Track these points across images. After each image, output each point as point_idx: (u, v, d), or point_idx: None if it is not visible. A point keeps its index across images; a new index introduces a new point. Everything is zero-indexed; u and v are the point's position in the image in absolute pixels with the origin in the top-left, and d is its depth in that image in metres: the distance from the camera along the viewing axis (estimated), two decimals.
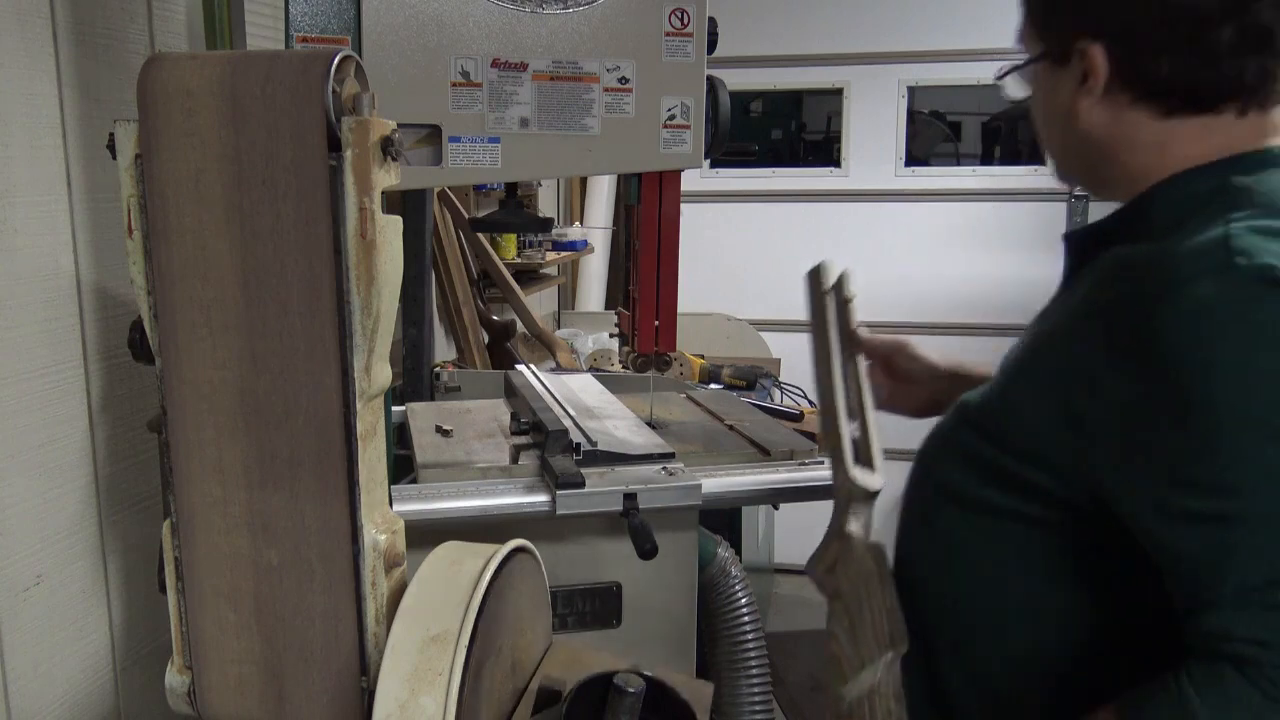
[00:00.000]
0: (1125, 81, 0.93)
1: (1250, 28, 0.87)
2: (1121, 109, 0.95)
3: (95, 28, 1.71)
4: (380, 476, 1.11)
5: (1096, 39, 0.93)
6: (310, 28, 1.43)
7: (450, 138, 1.50)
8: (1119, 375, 0.87)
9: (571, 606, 1.62)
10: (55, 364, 1.66)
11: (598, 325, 4.32)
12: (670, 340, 1.69)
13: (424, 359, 2.67)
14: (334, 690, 1.10)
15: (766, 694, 1.82)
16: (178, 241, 1.06)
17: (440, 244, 3.28)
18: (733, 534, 2.35)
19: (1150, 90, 0.92)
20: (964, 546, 1.04)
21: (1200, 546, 0.83)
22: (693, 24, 1.55)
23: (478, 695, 1.02)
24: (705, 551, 1.76)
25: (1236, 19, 0.87)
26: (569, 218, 5.00)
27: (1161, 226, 0.91)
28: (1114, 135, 0.96)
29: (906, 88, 4.79)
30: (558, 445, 1.57)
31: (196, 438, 1.10)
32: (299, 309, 1.04)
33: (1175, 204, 0.92)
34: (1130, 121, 0.95)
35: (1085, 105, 0.96)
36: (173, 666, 1.19)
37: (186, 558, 1.13)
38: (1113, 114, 0.95)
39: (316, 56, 1.00)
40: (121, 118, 1.07)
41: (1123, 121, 0.95)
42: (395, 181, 1.04)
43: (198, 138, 1.03)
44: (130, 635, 1.88)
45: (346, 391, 1.05)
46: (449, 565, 1.09)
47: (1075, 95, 0.96)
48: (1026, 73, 1.03)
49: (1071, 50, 0.95)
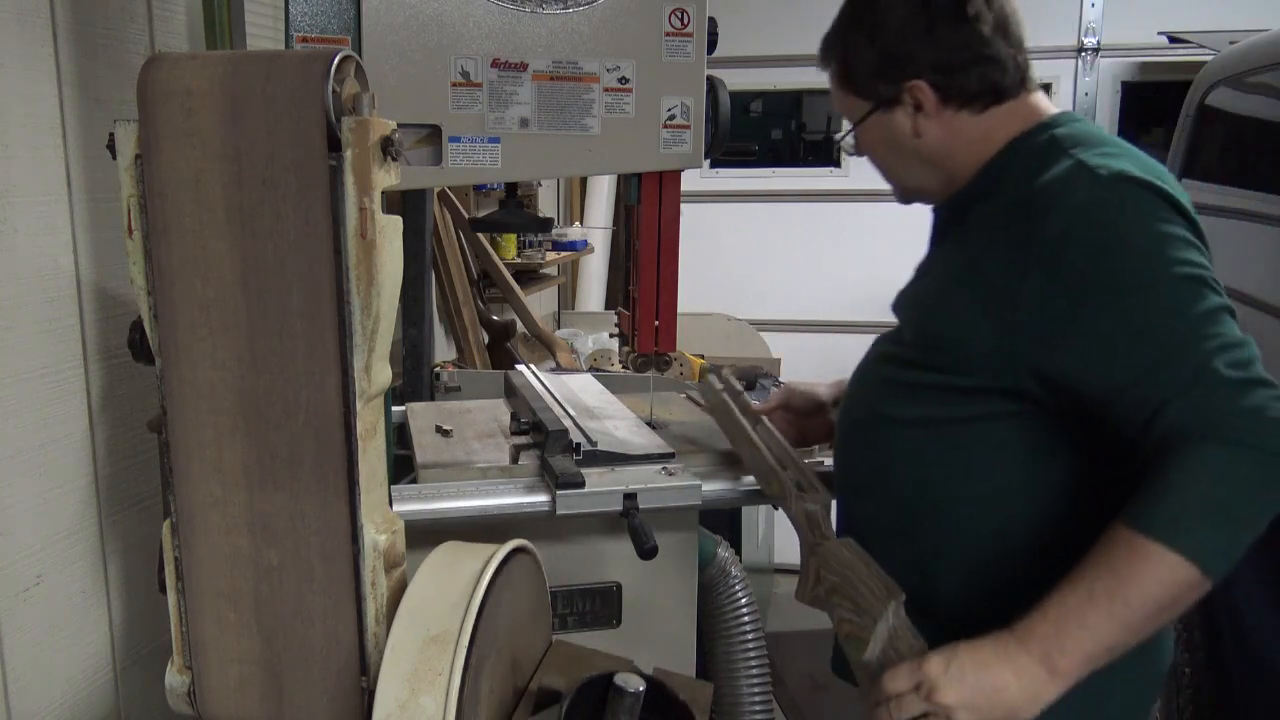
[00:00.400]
0: (947, 99, 1.21)
1: (1011, 37, 1.20)
2: (950, 119, 1.23)
3: (95, 28, 1.71)
4: (380, 476, 1.11)
5: (919, 77, 1.21)
6: (310, 28, 1.43)
7: (450, 138, 1.50)
8: (1034, 280, 1.08)
9: (571, 606, 1.62)
10: (55, 364, 1.66)
11: (598, 325, 4.32)
12: (670, 340, 1.69)
13: (424, 359, 2.66)
14: (334, 690, 1.10)
15: (766, 694, 1.82)
16: (178, 241, 1.06)
17: (440, 244, 3.28)
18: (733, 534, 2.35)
19: (968, 99, 1.21)
20: (923, 458, 1.22)
21: (1143, 372, 1.02)
22: (693, 24, 1.54)
23: (478, 695, 1.02)
24: (705, 551, 1.76)
25: (1002, 33, 1.20)
26: (569, 218, 5.00)
27: (1013, 178, 1.17)
28: (952, 139, 1.23)
29: None
30: (558, 445, 1.57)
31: (196, 438, 1.10)
32: (299, 309, 1.04)
33: (1020, 160, 1.19)
34: (960, 126, 1.23)
35: (925, 126, 1.23)
36: (173, 666, 1.19)
37: (186, 558, 1.13)
38: (945, 125, 1.23)
39: (316, 56, 1.00)
40: (121, 118, 1.07)
41: (954, 127, 1.23)
42: (395, 181, 1.04)
43: (198, 138, 1.03)
44: (130, 635, 1.88)
45: (346, 391, 1.05)
46: (449, 565, 1.09)
47: (914, 123, 1.23)
48: (862, 129, 1.29)
49: (901, 92, 1.22)
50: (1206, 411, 0.98)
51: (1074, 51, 4.68)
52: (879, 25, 1.22)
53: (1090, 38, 4.66)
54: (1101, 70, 4.67)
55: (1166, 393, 1.00)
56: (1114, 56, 4.66)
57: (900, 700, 1.05)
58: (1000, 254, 1.13)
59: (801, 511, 1.32)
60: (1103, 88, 4.68)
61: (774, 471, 1.42)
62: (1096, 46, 4.66)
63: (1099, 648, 0.99)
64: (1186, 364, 1.00)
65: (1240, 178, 2.60)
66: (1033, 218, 1.10)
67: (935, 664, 1.04)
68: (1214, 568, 0.97)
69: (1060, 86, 4.71)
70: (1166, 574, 0.97)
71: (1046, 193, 1.11)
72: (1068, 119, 1.21)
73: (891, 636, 1.11)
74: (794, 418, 1.59)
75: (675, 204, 1.63)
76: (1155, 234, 1.06)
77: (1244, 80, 2.61)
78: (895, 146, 1.27)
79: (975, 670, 1.02)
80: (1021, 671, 1.00)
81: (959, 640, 1.06)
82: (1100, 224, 1.07)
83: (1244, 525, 0.97)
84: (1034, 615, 1.02)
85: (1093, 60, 4.68)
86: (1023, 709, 1.01)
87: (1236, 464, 0.96)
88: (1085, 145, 1.15)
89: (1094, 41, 4.65)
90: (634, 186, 1.66)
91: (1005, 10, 1.20)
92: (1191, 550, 0.96)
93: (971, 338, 1.15)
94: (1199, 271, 1.05)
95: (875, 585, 1.14)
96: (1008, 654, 1.02)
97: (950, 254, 1.25)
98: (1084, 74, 4.68)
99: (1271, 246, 2.29)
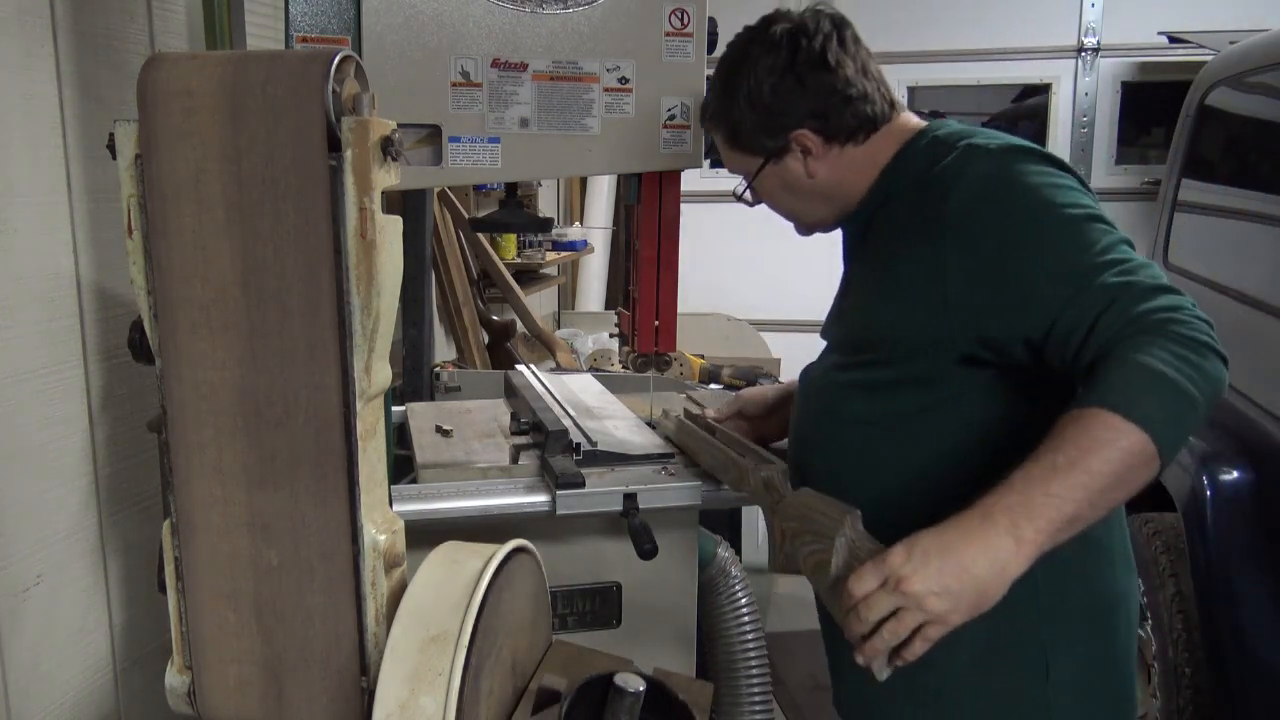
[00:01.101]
0: (830, 140, 1.31)
1: (870, 73, 1.31)
2: (837, 156, 1.32)
3: (95, 28, 1.71)
4: (380, 476, 1.11)
5: (801, 126, 1.30)
6: (310, 28, 1.43)
7: (450, 138, 1.50)
8: (952, 255, 1.16)
9: (571, 606, 1.62)
10: (55, 364, 1.66)
11: (598, 325, 4.32)
12: (670, 340, 1.69)
13: (424, 359, 2.67)
14: (334, 690, 1.10)
15: (766, 694, 1.82)
16: (178, 241, 1.06)
17: (440, 244, 3.28)
18: (733, 534, 2.35)
19: (849, 135, 1.31)
20: (890, 453, 1.26)
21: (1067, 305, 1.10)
22: (693, 24, 1.55)
23: (478, 695, 1.02)
24: (705, 551, 1.76)
25: (863, 72, 1.30)
26: (569, 218, 5.00)
27: (908, 180, 1.27)
28: (843, 172, 1.33)
29: (906, 88, 4.80)
30: (558, 445, 1.57)
31: (196, 438, 1.10)
32: (299, 309, 1.04)
33: (910, 163, 1.28)
34: (847, 158, 1.32)
35: (815, 167, 1.32)
36: (173, 666, 1.19)
37: (186, 558, 1.13)
38: (833, 162, 1.32)
39: (316, 56, 1.00)
40: (121, 118, 1.07)
41: (842, 162, 1.32)
42: (395, 181, 1.04)
43: (198, 138, 1.03)
44: (130, 635, 1.88)
45: (346, 391, 1.04)
46: (449, 565, 1.09)
47: (805, 166, 1.32)
48: (758, 181, 1.37)
49: (788, 143, 1.31)
50: (1132, 316, 1.06)
51: (1074, 51, 4.68)
52: (753, 90, 1.30)
53: (1090, 38, 4.66)
54: (1101, 70, 4.67)
55: (1092, 315, 1.08)
56: (1114, 56, 4.66)
57: (868, 600, 1.03)
58: (914, 246, 1.21)
59: (758, 480, 1.36)
60: (1103, 88, 4.68)
61: (731, 460, 1.46)
62: (1096, 46, 4.66)
63: (1062, 516, 1.01)
64: (1102, 287, 1.08)
65: (1240, 178, 2.60)
66: (936, 201, 1.20)
67: (897, 555, 1.03)
68: (1166, 440, 1.01)
69: (1060, 86, 4.71)
70: (1124, 441, 1.01)
71: (943, 177, 1.21)
72: (942, 124, 1.32)
73: (851, 548, 1.11)
74: (748, 423, 1.65)
75: (675, 204, 1.63)
76: (1049, 185, 1.16)
77: (1244, 80, 2.61)
78: (792, 189, 1.36)
79: (940, 553, 1.01)
80: (988, 545, 1.01)
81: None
82: (998, 188, 1.17)
83: (1187, 400, 1.02)
84: (998, 491, 1.03)
85: (1093, 60, 4.68)
86: (992, 584, 1.01)
87: (1168, 348, 1.03)
88: (967, 135, 1.26)
89: (1094, 41, 4.65)
90: (634, 186, 1.66)
91: (861, 52, 1.31)
92: (1144, 418, 1.01)
93: (912, 332, 1.22)
94: (1093, 210, 1.15)
95: (831, 510, 1.16)
96: (972, 530, 1.02)
97: (867, 266, 1.33)
98: (1084, 74, 4.68)
99: (1271, 246, 2.29)
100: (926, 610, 1.01)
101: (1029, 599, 1.19)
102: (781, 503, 1.29)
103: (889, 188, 1.30)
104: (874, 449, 1.27)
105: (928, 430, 1.23)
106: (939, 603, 1.00)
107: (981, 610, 1.02)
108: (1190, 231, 2.82)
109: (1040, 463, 1.03)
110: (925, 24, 4.72)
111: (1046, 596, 1.21)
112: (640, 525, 1.44)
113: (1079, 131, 4.69)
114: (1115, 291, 1.07)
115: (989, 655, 1.22)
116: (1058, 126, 4.71)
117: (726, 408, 1.68)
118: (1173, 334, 1.03)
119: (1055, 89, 4.71)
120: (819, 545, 1.16)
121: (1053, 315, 1.10)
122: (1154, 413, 1.01)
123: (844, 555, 1.11)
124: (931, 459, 1.23)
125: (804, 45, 1.28)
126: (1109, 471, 1.01)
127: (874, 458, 1.27)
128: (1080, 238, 1.12)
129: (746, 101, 1.31)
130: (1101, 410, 1.02)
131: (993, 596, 1.02)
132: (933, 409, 1.23)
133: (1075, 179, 1.20)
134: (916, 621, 1.01)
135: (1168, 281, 1.10)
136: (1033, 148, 1.22)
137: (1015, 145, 1.21)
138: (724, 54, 1.36)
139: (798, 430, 1.42)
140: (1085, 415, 1.03)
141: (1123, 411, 1.01)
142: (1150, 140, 4.78)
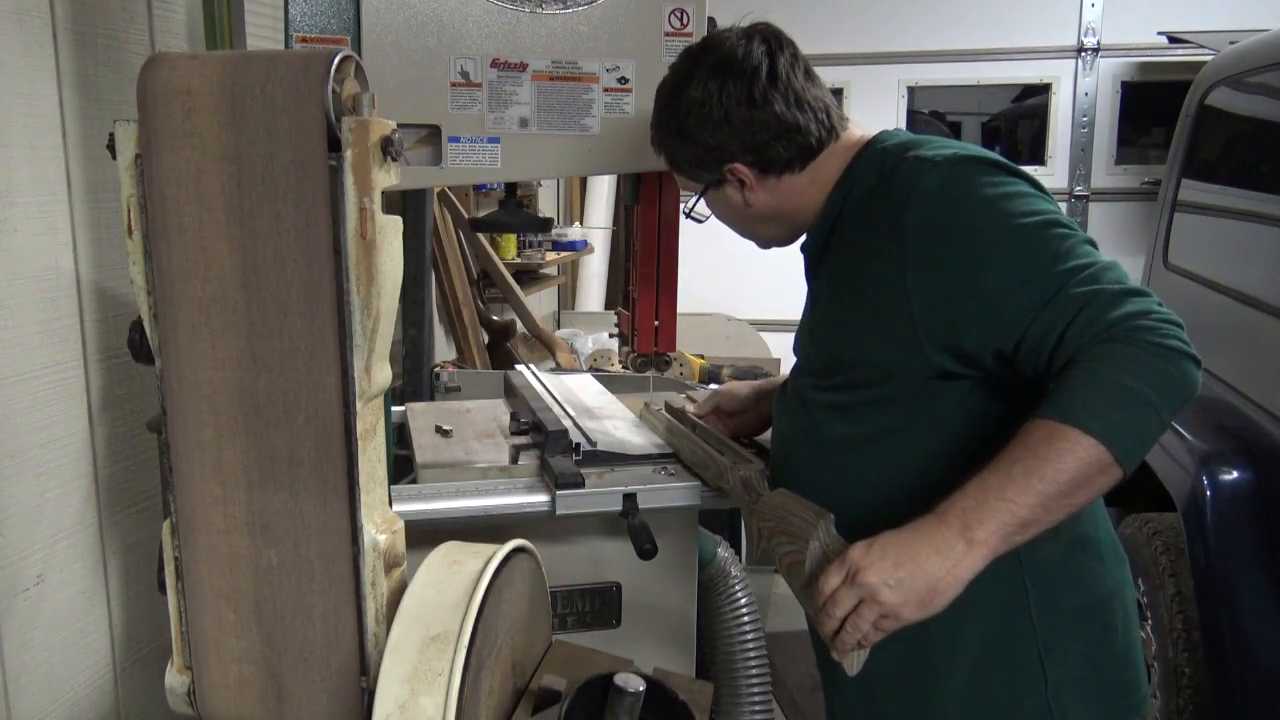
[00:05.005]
0: (765, 171, 1.30)
1: (805, 103, 1.27)
2: (775, 185, 1.31)
3: (95, 28, 1.71)
4: (380, 476, 1.11)
5: (734, 160, 1.29)
6: (310, 28, 1.43)
7: (450, 138, 1.50)
8: (913, 271, 1.16)
9: (571, 606, 1.62)
10: (55, 364, 1.66)
11: (598, 325, 4.32)
12: (670, 340, 1.69)
13: (424, 359, 2.67)
14: (334, 690, 1.10)
15: (766, 694, 1.82)
16: (178, 241, 1.06)
17: (440, 244, 3.28)
18: (733, 534, 2.35)
19: (785, 166, 1.29)
20: (873, 472, 1.26)
21: (1034, 314, 1.10)
22: (692, 24, 1.55)
23: (478, 695, 1.02)
24: (705, 551, 1.76)
25: (795, 104, 1.26)
26: (569, 218, 5.00)
27: (860, 198, 1.26)
28: (783, 200, 1.32)
29: (906, 88, 4.80)
30: (558, 445, 1.57)
31: (196, 438, 1.10)
32: (299, 309, 1.04)
33: (860, 179, 1.27)
34: (786, 187, 1.31)
35: (754, 197, 1.32)
36: (173, 667, 1.19)
37: (186, 558, 1.13)
38: (772, 190, 1.31)
39: (316, 56, 1.00)
40: (121, 118, 1.07)
41: (782, 190, 1.31)
42: (395, 181, 1.04)
43: (198, 138, 1.03)
44: (130, 635, 1.88)
45: (346, 391, 1.05)
46: (449, 565, 1.09)
47: (743, 195, 1.32)
48: (707, 199, 1.38)
49: (723, 174, 1.31)
50: (1099, 324, 1.06)
51: (1074, 51, 4.68)
52: (684, 127, 1.30)
53: (1090, 38, 4.65)
54: (1101, 70, 4.67)
55: (1060, 326, 1.08)
56: (1114, 56, 4.66)
57: (835, 597, 1.09)
58: (875, 265, 1.21)
59: (737, 479, 1.39)
60: (1103, 88, 4.68)
61: (710, 456, 1.48)
62: (1096, 46, 4.66)
63: (1015, 519, 1.05)
64: (1069, 298, 1.08)
65: (1240, 178, 2.60)
66: (891, 217, 1.19)
67: (857, 550, 1.09)
68: (1124, 450, 1.03)
69: (1060, 86, 4.71)
70: (1081, 453, 1.03)
71: (895, 195, 1.20)
72: (888, 134, 1.31)
73: (825, 551, 1.15)
74: (726, 418, 1.66)
75: (675, 204, 1.63)
76: (1003, 195, 1.16)
77: (1244, 80, 2.61)
78: (735, 214, 1.37)
79: (895, 549, 1.07)
80: (941, 545, 1.06)
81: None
82: (952, 201, 1.16)
83: (1149, 410, 1.04)
84: (954, 496, 1.08)
85: (1093, 60, 4.68)
86: (943, 581, 1.05)
87: (1134, 357, 1.04)
88: (914, 146, 1.24)
89: (1094, 41, 4.65)
90: (633, 186, 1.66)
91: (792, 83, 1.27)
92: (1103, 432, 1.03)
93: (884, 354, 1.22)
94: (1052, 215, 1.15)
95: (806, 513, 1.20)
96: (927, 530, 1.07)
97: (831, 285, 1.32)
98: (1084, 74, 4.68)
99: (1271, 246, 2.29)
100: (880, 602, 1.06)
101: (1017, 603, 1.21)
102: (759, 502, 1.31)
103: (842, 203, 1.29)
104: (855, 469, 1.27)
105: (907, 446, 1.23)
106: (891, 595, 1.06)
107: (933, 608, 1.07)
108: (1190, 231, 2.82)
109: (997, 470, 1.06)
110: (925, 24, 4.72)
111: (1036, 599, 1.22)
112: (640, 525, 1.44)
113: (1079, 131, 4.69)
114: (1083, 299, 1.08)
115: (984, 665, 1.23)
116: (1058, 126, 4.71)
117: (705, 403, 1.69)
118: (1141, 342, 1.04)
119: (1055, 89, 4.71)
120: (794, 546, 1.21)
121: (1022, 328, 1.11)
122: (1117, 426, 1.03)
123: (817, 557, 1.16)
124: (911, 473, 1.23)
125: (730, 83, 1.26)
126: (1065, 480, 1.04)
127: (855, 477, 1.27)
128: (1042, 247, 1.12)
129: (677, 136, 1.31)
130: (1061, 423, 1.04)
131: (945, 594, 1.06)
132: (910, 426, 1.23)
133: (1028, 183, 1.20)
134: (875, 615, 1.07)
135: (1133, 283, 1.10)
136: (981, 156, 1.21)
137: (961, 155, 1.20)
138: (662, 80, 1.34)
139: (778, 449, 1.43)
140: (1045, 426, 1.05)
141: (1081, 424, 1.03)
142: (1150, 140, 4.78)
